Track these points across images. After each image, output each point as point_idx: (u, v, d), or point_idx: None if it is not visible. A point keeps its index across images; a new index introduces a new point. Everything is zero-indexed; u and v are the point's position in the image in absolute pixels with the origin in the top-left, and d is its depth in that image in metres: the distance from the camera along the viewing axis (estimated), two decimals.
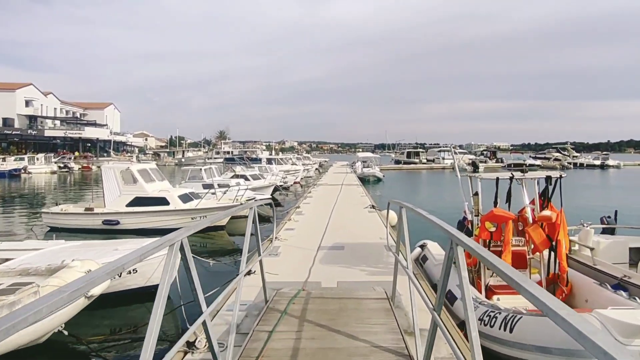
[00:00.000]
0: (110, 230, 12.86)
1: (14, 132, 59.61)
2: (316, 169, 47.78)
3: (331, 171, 42.41)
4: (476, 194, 6.33)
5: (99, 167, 57.34)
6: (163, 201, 13.11)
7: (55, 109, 71.83)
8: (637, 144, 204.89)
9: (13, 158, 46.31)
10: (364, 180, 32.25)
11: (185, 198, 13.55)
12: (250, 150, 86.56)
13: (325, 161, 69.78)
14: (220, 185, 19.92)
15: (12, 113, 61.25)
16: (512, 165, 55.81)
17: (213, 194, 15.53)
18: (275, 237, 9.19)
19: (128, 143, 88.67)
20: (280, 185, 23.96)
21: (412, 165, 60.34)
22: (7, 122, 60.54)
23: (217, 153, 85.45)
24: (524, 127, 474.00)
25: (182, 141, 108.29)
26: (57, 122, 68.49)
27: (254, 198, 15.79)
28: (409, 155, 67.47)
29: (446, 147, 77.88)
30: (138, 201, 13.06)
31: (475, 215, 6.37)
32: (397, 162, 67.32)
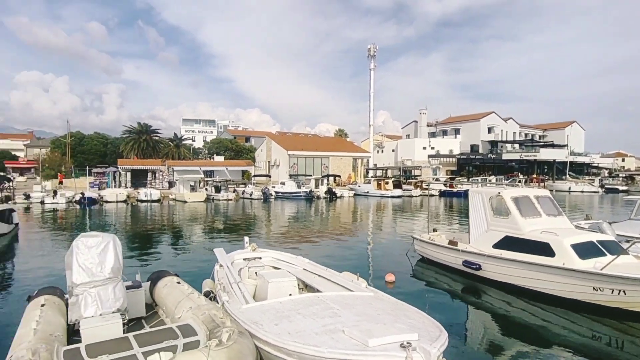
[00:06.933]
0: (471, 275, 9.73)
1: (476, 157, 69.17)
2: None
3: None
4: None
5: (550, 190, 51.40)
6: (544, 249, 8.37)
7: (514, 133, 76.89)
8: None
9: (479, 178, 50.62)
10: None
11: (589, 250, 8.04)
12: None
13: None
14: None
15: (477, 140, 72.08)
16: None
17: None
18: None
19: (593, 164, 79.20)
20: None
21: None
22: (473, 148, 71.95)
23: None
24: None
25: None
26: (516, 146, 72.42)
27: None
28: None
29: None
30: (508, 242, 9.10)
31: None
32: None
